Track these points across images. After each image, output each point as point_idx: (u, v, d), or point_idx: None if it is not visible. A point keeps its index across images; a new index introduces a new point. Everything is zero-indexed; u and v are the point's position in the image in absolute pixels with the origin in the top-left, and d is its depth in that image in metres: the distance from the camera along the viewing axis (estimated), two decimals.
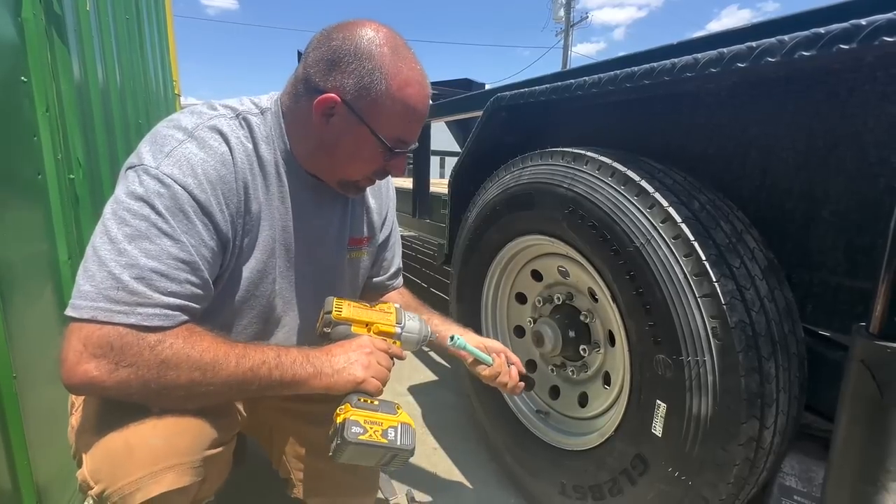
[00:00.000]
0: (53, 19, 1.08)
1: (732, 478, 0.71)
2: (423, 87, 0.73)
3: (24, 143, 0.95)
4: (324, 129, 0.72)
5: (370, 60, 0.68)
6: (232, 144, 0.70)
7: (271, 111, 0.76)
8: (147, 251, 0.59)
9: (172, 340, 0.60)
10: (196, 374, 0.60)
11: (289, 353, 0.69)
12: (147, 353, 0.58)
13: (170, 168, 0.63)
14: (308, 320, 0.85)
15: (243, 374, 0.63)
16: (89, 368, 0.56)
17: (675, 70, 0.75)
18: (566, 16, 18.54)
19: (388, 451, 0.67)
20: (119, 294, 0.57)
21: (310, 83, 0.71)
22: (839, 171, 0.73)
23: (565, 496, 1.00)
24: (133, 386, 0.58)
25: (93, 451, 0.62)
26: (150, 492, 0.59)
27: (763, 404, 0.69)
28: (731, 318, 0.68)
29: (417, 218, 2.15)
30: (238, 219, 0.70)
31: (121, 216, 0.60)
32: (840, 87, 0.72)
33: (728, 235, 0.74)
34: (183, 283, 0.62)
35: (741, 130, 0.86)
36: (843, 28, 0.56)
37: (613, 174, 0.83)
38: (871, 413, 0.47)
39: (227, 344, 0.64)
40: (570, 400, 1.14)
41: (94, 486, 0.60)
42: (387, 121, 0.71)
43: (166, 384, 0.59)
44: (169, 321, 0.60)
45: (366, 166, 0.77)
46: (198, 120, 0.69)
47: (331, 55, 0.69)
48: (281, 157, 0.75)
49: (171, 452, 0.61)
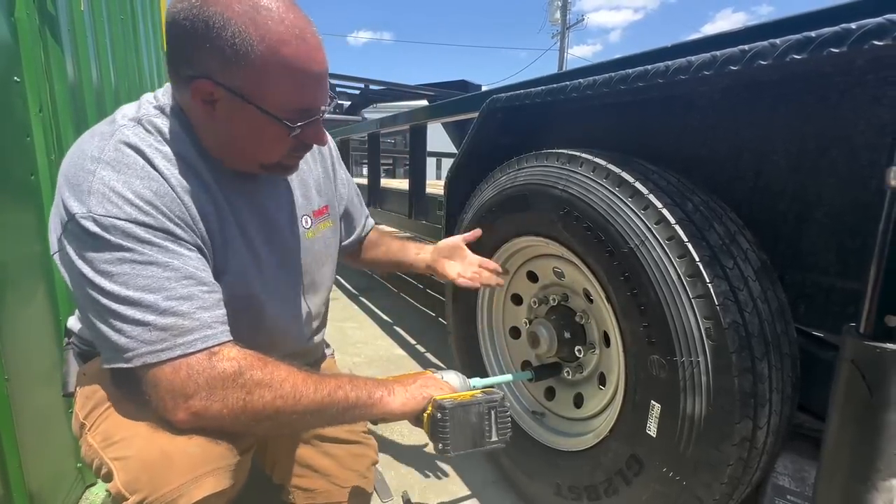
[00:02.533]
0: (47, 19, 1.07)
1: (726, 478, 0.71)
2: (304, 41, 0.60)
3: (18, 143, 0.94)
4: (214, 120, 0.65)
5: (229, 26, 0.57)
6: (148, 155, 0.63)
7: (170, 106, 0.68)
8: (149, 287, 0.59)
9: (252, 372, 0.61)
10: (280, 402, 0.62)
11: (360, 379, 0.70)
12: (231, 385, 0.60)
13: (101, 207, 0.58)
14: (293, 307, 0.83)
15: (322, 399, 0.64)
16: (190, 405, 0.59)
17: (668, 72, 0.76)
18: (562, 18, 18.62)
19: (486, 403, 0.72)
20: (154, 334, 0.58)
21: (179, 74, 0.63)
22: (831, 174, 0.74)
23: (561, 497, 1.00)
24: (227, 418, 0.60)
25: (125, 462, 0.62)
26: (192, 496, 0.59)
27: (756, 404, 0.69)
28: (725, 319, 0.69)
29: (413, 219, 2.15)
30: (195, 225, 0.66)
31: (102, 270, 0.58)
32: (831, 91, 0.72)
33: (721, 237, 0.74)
34: (199, 296, 0.62)
35: (735, 132, 0.86)
36: (833, 32, 0.56)
37: (608, 176, 0.83)
38: (862, 412, 0.47)
39: (301, 372, 0.65)
40: (565, 401, 1.14)
41: (129, 496, 0.59)
42: (273, 92, 0.61)
43: (256, 413, 0.61)
44: (212, 340, 0.61)
45: (277, 147, 0.68)
46: (101, 142, 0.63)
47: (186, 36, 0.59)
48: (198, 152, 0.68)
49: (209, 458, 0.62)
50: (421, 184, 2.17)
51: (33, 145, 0.98)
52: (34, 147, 0.98)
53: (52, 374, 1.05)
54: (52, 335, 1.05)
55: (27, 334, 0.95)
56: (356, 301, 2.90)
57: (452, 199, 1.42)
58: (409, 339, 2.32)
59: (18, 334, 0.91)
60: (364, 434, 0.99)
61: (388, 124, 2.19)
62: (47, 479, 1.00)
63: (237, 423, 0.62)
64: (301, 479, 0.92)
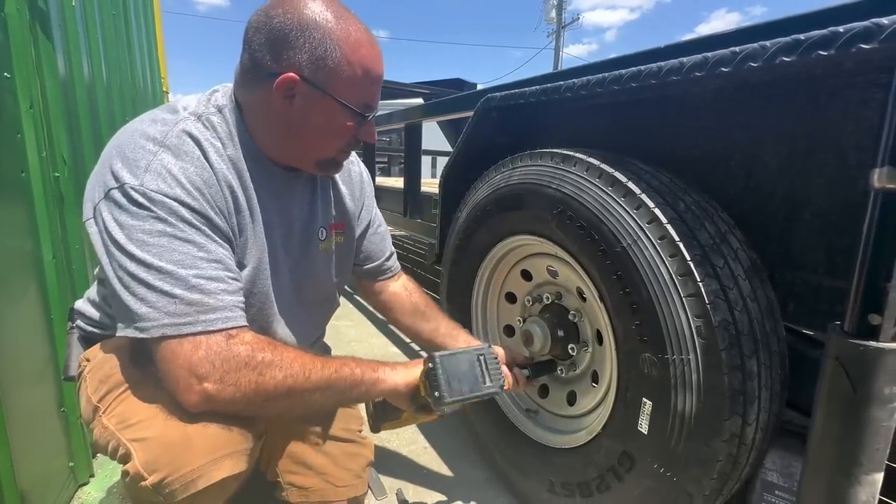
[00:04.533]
0: (38, 14, 1.06)
1: (716, 473, 0.72)
2: (375, 47, 0.72)
3: (8, 140, 0.93)
4: (289, 112, 0.71)
5: (317, 30, 0.66)
6: (205, 147, 0.69)
7: (228, 108, 0.74)
8: (181, 262, 0.61)
9: (263, 354, 0.63)
10: (290, 381, 0.64)
11: (363, 359, 0.74)
12: (244, 367, 0.62)
13: (155, 183, 0.62)
14: (294, 311, 0.86)
15: (329, 376, 0.67)
16: (205, 387, 0.61)
17: (660, 73, 0.76)
18: (558, 17, 18.65)
19: (473, 352, 0.73)
20: (178, 307, 0.60)
21: (261, 69, 0.69)
22: (820, 174, 0.75)
23: (554, 493, 1.01)
24: (240, 400, 0.62)
25: (145, 443, 0.63)
26: (212, 477, 0.62)
27: (745, 401, 0.70)
28: (715, 317, 0.70)
29: (408, 217, 2.16)
30: (231, 219, 0.71)
31: (139, 239, 0.61)
32: (821, 92, 0.73)
33: (712, 236, 0.75)
34: (225, 279, 0.65)
35: (726, 133, 0.87)
36: (821, 35, 0.57)
37: (601, 175, 0.84)
38: (845, 408, 0.48)
39: (307, 352, 0.68)
40: (558, 398, 1.15)
41: (148, 476, 0.61)
42: (350, 87, 0.70)
43: (268, 393, 0.63)
44: (232, 322, 0.64)
45: (339, 139, 0.76)
46: (164, 127, 0.68)
47: (276, 34, 0.67)
48: (247, 152, 0.74)
49: (228, 441, 0.65)
50: (416, 182, 2.17)
51: (23, 142, 0.97)
52: (24, 144, 0.97)
53: (43, 372, 1.04)
54: (43, 333, 1.04)
55: (17, 332, 0.95)
56: (351, 299, 2.89)
57: (447, 198, 1.42)
58: (404, 338, 2.32)
59: (8, 332, 0.90)
60: (359, 433, 1.00)
61: (383, 122, 2.19)
62: (39, 478, 0.99)
63: (251, 405, 0.63)
64: (296, 476, 0.92)
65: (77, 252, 1.22)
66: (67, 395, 1.10)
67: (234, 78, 0.75)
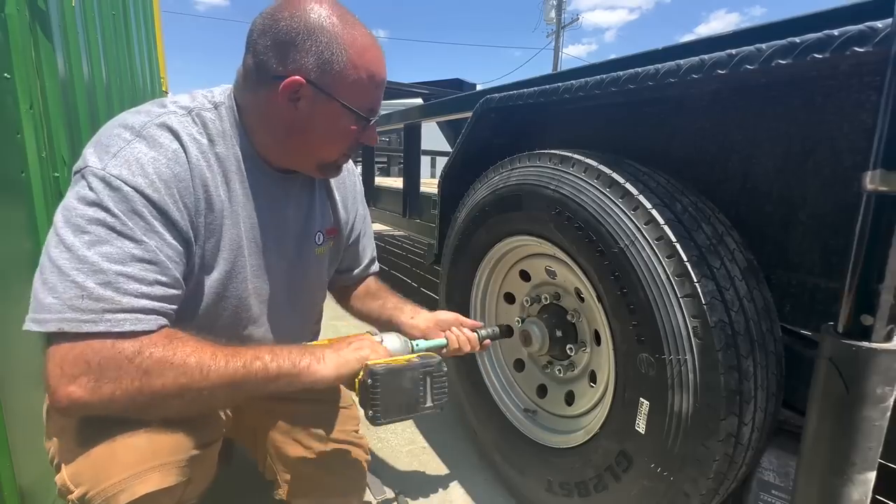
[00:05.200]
0: (38, 15, 1.06)
1: (712, 473, 0.73)
2: (380, 51, 0.72)
3: (8, 140, 0.93)
4: (293, 115, 0.69)
5: (324, 33, 0.66)
6: (184, 141, 0.66)
7: (225, 105, 0.73)
8: (108, 255, 0.56)
9: (152, 349, 0.57)
10: (183, 380, 0.57)
11: (285, 347, 0.67)
12: (126, 365, 0.55)
13: (117, 169, 0.59)
14: (284, 317, 0.84)
15: (235, 372, 0.60)
16: (71, 391, 0.54)
17: (658, 75, 0.77)
18: (557, 17, 18.66)
19: (419, 369, 0.68)
20: (85, 303, 0.54)
21: (266, 71, 0.67)
22: (816, 176, 0.76)
23: (552, 493, 1.02)
24: (120, 401, 0.55)
25: (73, 454, 0.60)
26: (135, 492, 0.58)
27: (742, 401, 0.71)
28: (712, 318, 0.70)
29: (407, 218, 2.16)
30: (198, 217, 0.67)
31: (75, 223, 0.57)
32: (816, 95, 0.74)
33: (709, 237, 0.76)
34: (152, 283, 0.59)
35: (723, 135, 0.88)
36: (817, 38, 0.58)
37: (599, 176, 0.84)
38: (839, 408, 0.49)
39: (213, 345, 0.62)
40: (556, 398, 1.15)
41: (74, 489, 0.58)
42: (355, 91, 0.70)
43: (154, 394, 0.57)
44: (142, 325, 0.58)
45: (342, 143, 0.75)
46: (145, 118, 0.66)
47: (282, 37, 0.66)
48: (240, 152, 0.72)
49: (156, 452, 0.61)
50: (415, 183, 2.17)
51: (23, 142, 0.97)
52: (24, 144, 0.97)
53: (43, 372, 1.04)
54: (43, 333, 1.04)
55: (17, 335, 0.95)
56: None
57: (446, 199, 1.43)
58: None
59: (8, 333, 0.90)
60: (356, 433, 1.00)
61: (383, 123, 2.20)
62: (38, 477, 1.00)
63: (135, 406, 0.57)
64: (293, 476, 0.92)
65: None
66: None
67: (235, 80, 0.74)
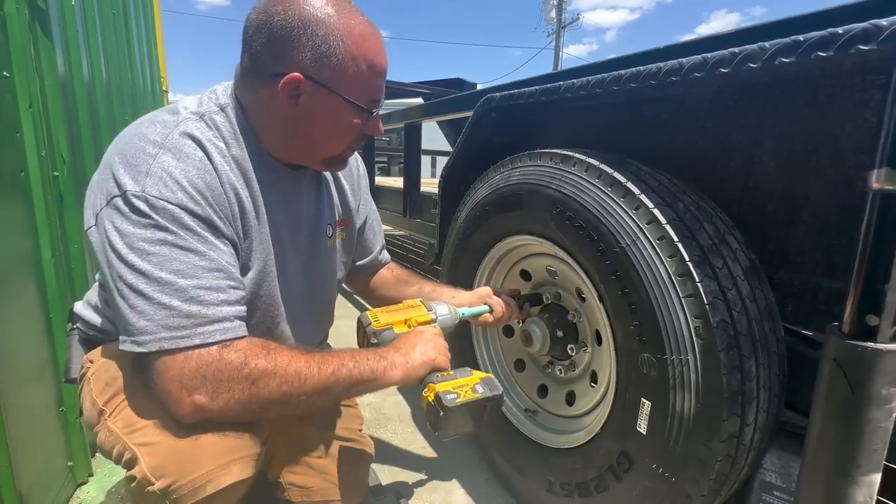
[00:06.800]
0: (37, 14, 1.06)
1: (714, 474, 0.73)
2: (379, 39, 0.71)
3: (7, 139, 0.93)
4: (294, 112, 0.69)
5: (319, 26, 0.65)
6: (207, 148, 0.67)
7: (230, 106, 0.73)
8: (182, 272, 0.60)
9: (256, 361, 0.62)
10: (285, 388, 0.63)
11: (360, 353, 0.71)
12: (236, 376, 0.61)
13: (156, 189, 0.61)
14: (302, 311, 0.85)
15: (327, 379, 0.66)
16: (196, 399, 0.60)
17: (660, 74, 0.76)
18: (558, 17, 18.64)
19: (485, 401, 0.72)
20: (176, 321, 0.59)
21: (264, 69, 0.67)
22: (819, 175, 0.75)
23: (553, 493, 1.01)
24: (234, 409, 0.61)
25: (152, 448, 0.63)
26: (221, 482, 0.62)
27: (744, 402, 0.71)
28: (714, 318, 0.70)
29: (408, 217, 2.15)
30: (235, 221, 0.69)
31: (139, 248, 0.60)
32: (820, 93, 0.73)
33: (711, 237, 0.75)
34: (226, 289, 0.63)
35: (725, 134, 0.87)
36: (820, 36, 0.57)
37: (600, 176, 0.84)
38: (843, 409, 0.48)
39: (304, 354, 0.67)
40: (557, 398, 1.15)
41: (155, 481, 0.60)
42: (355, 83, 0.69)
43: (262, 401, 0.62)
44: (230, 333, 0.62)
45: (346, 136, 0.75)
46: (164, 129, 0.66)
47: (277, 33, 0.65)
48: (252, 152, 0.73)
49: (237, 446, 0.65)
50: (415, 182, 2.17)
51: (23, 141, 0.97)
52: (24, 143, 0.97)
53: (42, 372, 1.04)
54: (42, 333, 1.04)
55: (16, 332, 0.95)
56: (350, 299, 2.89)
57: (447, 198, 1.43)
58: None
59: (7, 332, 0.90)
60: (360, 432, 1.00)
61: (383, 122, 2.19)
62: (37, 478, 0.99)
63: (246, 412, 0.62)
64: (297, 476, 0.92)
65: (76, 251, 1.21)
66: (66, 395, 1.10)
67: (234, 78, 0.74)
